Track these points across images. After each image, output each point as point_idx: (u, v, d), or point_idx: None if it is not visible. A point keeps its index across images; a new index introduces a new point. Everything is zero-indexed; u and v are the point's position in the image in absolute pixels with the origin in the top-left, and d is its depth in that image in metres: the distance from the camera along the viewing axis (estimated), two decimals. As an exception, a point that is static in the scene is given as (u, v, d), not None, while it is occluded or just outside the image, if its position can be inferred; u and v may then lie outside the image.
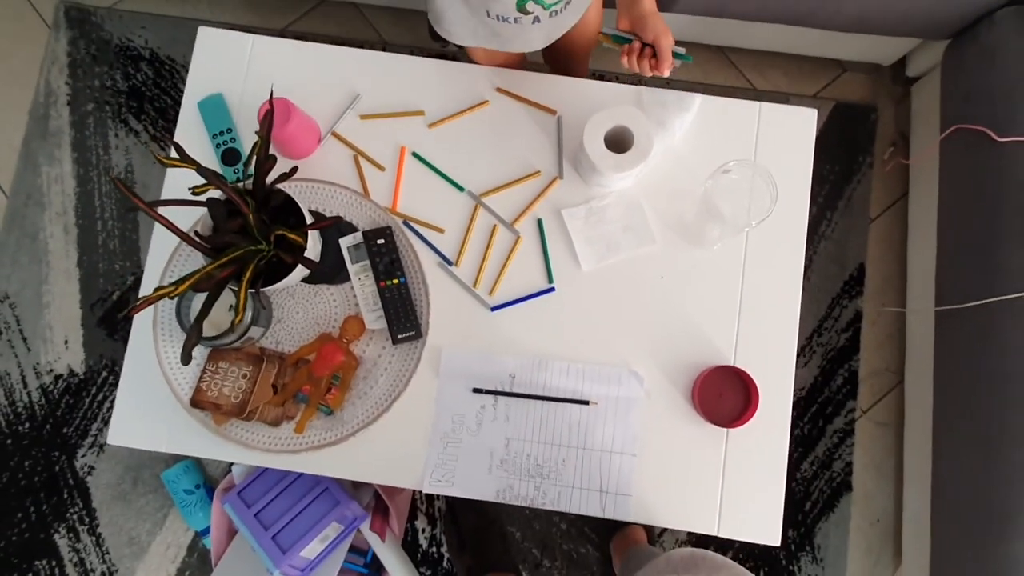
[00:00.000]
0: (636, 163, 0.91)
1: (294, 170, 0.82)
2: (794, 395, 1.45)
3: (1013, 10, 1.13)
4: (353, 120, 1.02)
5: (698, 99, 1.00)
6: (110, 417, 1.46)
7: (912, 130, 1.44)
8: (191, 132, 1.02)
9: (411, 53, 1.59)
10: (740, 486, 0.93)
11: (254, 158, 0.81)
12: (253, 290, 0.82)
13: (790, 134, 1.01)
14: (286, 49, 1.05)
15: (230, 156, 1.00)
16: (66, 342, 1.48)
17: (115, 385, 1.47)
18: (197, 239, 0.80)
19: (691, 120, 1.00)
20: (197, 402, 0.92)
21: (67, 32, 1.57)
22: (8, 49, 1.58)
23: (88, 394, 1.47)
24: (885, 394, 1.43)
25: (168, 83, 1.56)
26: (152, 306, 0.94)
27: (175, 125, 1.55)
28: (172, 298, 0.79)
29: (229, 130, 1.01)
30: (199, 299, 0.91)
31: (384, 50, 1.56)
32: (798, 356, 1.45)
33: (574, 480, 0.94)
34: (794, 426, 1.43)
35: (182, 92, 1.55)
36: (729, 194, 0.90)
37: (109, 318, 1.49)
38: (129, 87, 1.55)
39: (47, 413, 1.46)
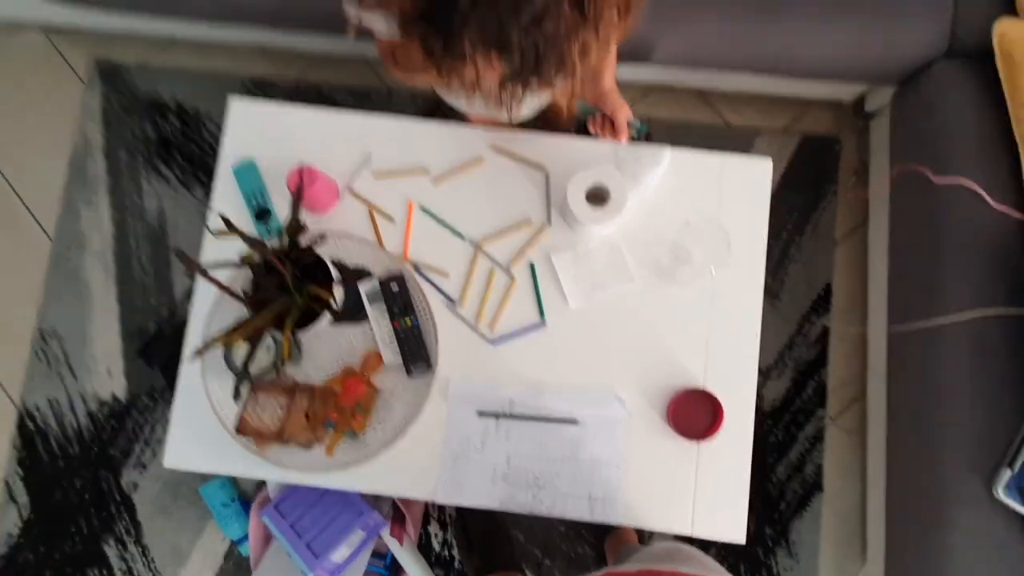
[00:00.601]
0: (613, 216, 1.05)
1: (323, 236, 0.97)
2: (769, 405, 1.60)
3: (948, 63, 1.27)
4: (367, 178, 1.17)
5: (667, 153, 1.14)
6: (151, 438, 1.62)
7: (871, 162, 1.58)
8: (227, 194, 1.17)
9: (413, 99, 1.74)
10: (710, 492, 1.07)
11: (288, 226, 0.96)
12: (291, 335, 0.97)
13: (749, 181, 1.15)
14: (307, 116, 1.19)
15: (262, 214, 1.15)
16: (109, 371, 1.64)
17: (154, 409, 1.63)
18: (243, 296, 0.95)
19: (662, 172, 1.14)
20: (241, 429, 1.07)
21: (100, 87, 1.73)
22: (47, 103, 1.73)
23: (130, 418, 1.62)
24: (851, 403, 1.58)
25: (193, 132, 1.71)
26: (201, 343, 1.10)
27: (200, 170, 1.71)
28: (224, 345, 0.94)
29: (260, 192, 1.16)
30: (241, 343, 1.06)
31: (389, 95, 1.72)
32: (771, 369, 1.60)
33: (567, 489, 1.09)
34: (769, 433, 1.57)
35: (206, 140, 1.70)
36: (694, 242, 1.05)
37: (147, 349, 1.64)
38: (158, 136, 1.71)
39: (94, 436, 1.62)
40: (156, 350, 1.64)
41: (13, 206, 1.71)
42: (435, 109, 1.29)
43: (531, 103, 1.05)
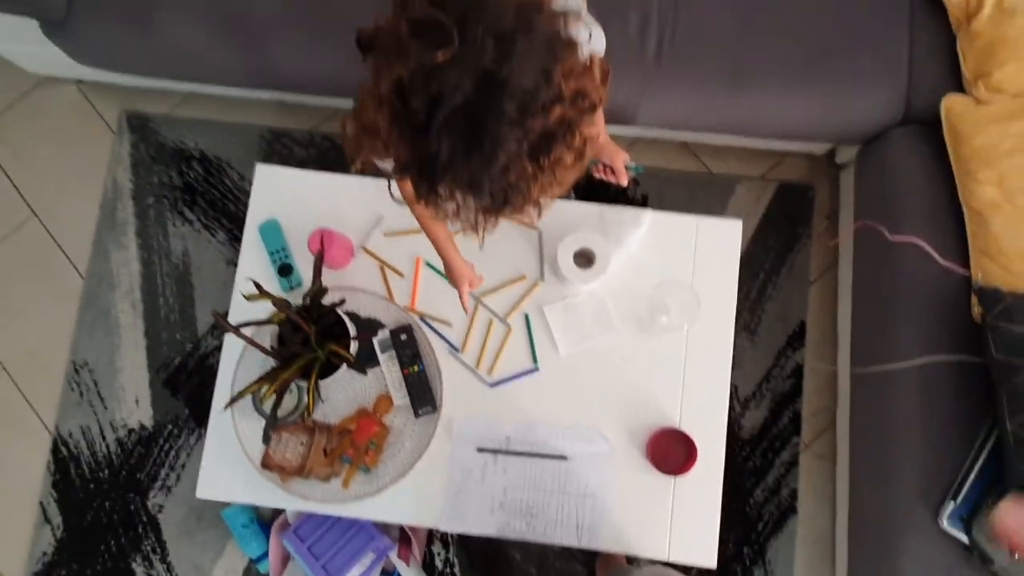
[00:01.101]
0: (598, 276, 1.19)
1: (342, 301, 1.10)
2: (748, 433, 1.72)
3: (904, 129, 1.40)
4: (379, 237, 1.31)
5: (648, 216, 1.28)
6: (175, 463, 1.75)
7: (840, 210, 1.72)
8: (253, 251, 1.30)
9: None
10: (685, 521, 1.20)
11: (312, 289, 1.09)
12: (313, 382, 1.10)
13: (721, 241, 1.28)
14: (325, 180, 1.33)
15: (285, 269, 1.29)
16: (136, 401, 1.77)
17: (178, 436, 1.76)
18: (272, 351, 1.09)
19: (642, 234, 1.28)
20: (267, 464, 1.21)
21: (129, 136, 1.87)
22: (80, 151, 1.87)
23: (156, 445, 1.75)
24: (823, 431, 1.71)
25: (216, 179, 1.85)
26: (231, 390, 1.23)
27: (222, 215, 1.84)
28: (255, 394, 1.07)
29: (283, 248, 1.30)
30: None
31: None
32: (750, 400, 1.73)
33: (556, 517, 1.22)
34: (748, 459, 1.70)
35: (228, 186, 1.84)
36: (669, 299, 1.18)
37: (172, 380, 1.78)
38: (183, 183, 1.84)
39: (123, 461, 1.75)
40: (180, 381, 1.78)
41: (48, 247, 1.84)
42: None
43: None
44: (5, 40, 1.60)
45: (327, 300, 1.13)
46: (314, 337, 1.06)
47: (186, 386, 1.77)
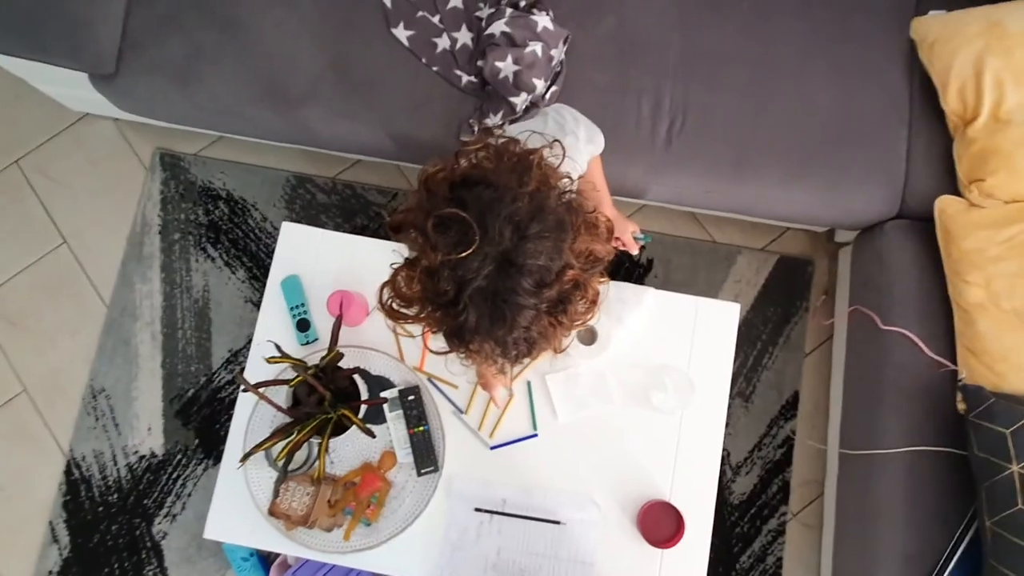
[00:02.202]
0: (599, 353, 1.25)
1: (357, 369, 1.17)
2: (737, 499, 1.77)
3: (899, 223, 1.47)
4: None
5: (650, 295, 1.34)
6: (182, 492, 1.81)
7: (837, 288, 1.78)
8: (273, 304, 1.37)
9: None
10: (669, 593, 1.25)
11: (328, 354, 1.16)
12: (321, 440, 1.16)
13: (719, 322, 1.34)
14: (345, 240, 1.40)
15: (303, 324, 1.36)
16: (149, 429, 1.83)
17: (186, 466, 1.82)
18: (287, 410, 1.15)
19: (643, 312, 1.34)
20: (274, 512, 1.26)
21: (160, 174, 1.96)
22: (113, 186, 1.96)
23: (165, 472, 1.81)
24: (812, 501, 1.75)
25: (240, 219, 1.93)
26: (244, 438, 1.30)
27: (243, 254, 1.92)
28: (267, 449, 1.14)
29: (302, 304, 1.37)
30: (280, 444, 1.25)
31: (415, 197, 1.93)
32: (741, 466, 1.78)
33: (547, 581, 1.27)
34: (736, 525, 1.75)
35: (251, 227, 1.92)
36: (667, 380, 1.25)
37: (184, 411, 1.84)
38: (208, 221, 1.93)
39: (131, 487, 1.81)
40: (192, 412, 1.84)
41: (76, 274, 1.93)
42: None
43: None
44: (54, 83, 1.70)
45: (343, 363, 1.20)
46: (328, 401, 1.12)
47: (197, 417, 1.84)
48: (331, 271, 1.39)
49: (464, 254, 0.64)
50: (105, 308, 1.91)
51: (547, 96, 1.46)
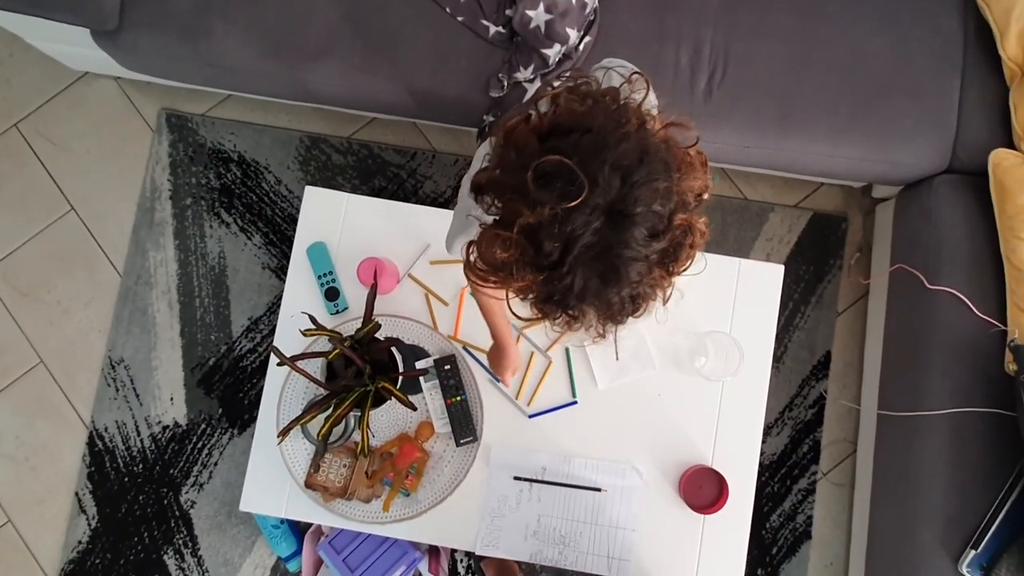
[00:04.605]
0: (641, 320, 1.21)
1: (394, 340, 1.12)
2: (767, 459, 1.76)
3: (948, 178, 1.41)
4: (424, 265, 1.33)
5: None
6: (208, 461, 1.80)
7: (874, 246, 1.73)
8: (300, 273, 1.32)
9: (456, 161, 1.89)
10: (711, 559, 1.24)
11: (364, 326, 1.12)
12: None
13: (762, 285, 1.30)
14: (373, 206, 1.34)
15: (332, 293, 1.31)
16: (171, 399, 1.81)
17: (211, 435, 1.80)
18: (325, 383, 1.11)
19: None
20: (310, 484, 1.25)
21: (168, 136, 1.87)
22: (119, 150, 1.88)
23: (190, 442, 1.80)
24: (842, 460, 1.74)
25: (253, 182, 1.86)
26: (277, 411, 1.26)
27: (259, 218, 1.86)
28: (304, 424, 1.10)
29: (330, 272, 1.32)
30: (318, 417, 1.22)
31: (434, 157, 1.86)
32: (772, 427, 1.76)
33: (588, 548, 1.26)
34: (766, 485, 1.74)
35: (264, 190, 1.85)
36: (712, 346, 1.21)
37: (206, 380, 1.81)
38: (220, 185, 1.86)
39: (156, 457, 1.79)
40: (214, 381, 1.81)
41: (86, 242, 1.87)
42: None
43: None
44: (52, 40, 1.60)
45: (379, 334, 1.16)
46: (368, 373, 1.08)
47: (220, 386, 1.81)
48: (358, 237, 1.33)
49: (573, 204, 0.57)
50: (119, 277, 1.85)
51: (580, 47, 1.38)
